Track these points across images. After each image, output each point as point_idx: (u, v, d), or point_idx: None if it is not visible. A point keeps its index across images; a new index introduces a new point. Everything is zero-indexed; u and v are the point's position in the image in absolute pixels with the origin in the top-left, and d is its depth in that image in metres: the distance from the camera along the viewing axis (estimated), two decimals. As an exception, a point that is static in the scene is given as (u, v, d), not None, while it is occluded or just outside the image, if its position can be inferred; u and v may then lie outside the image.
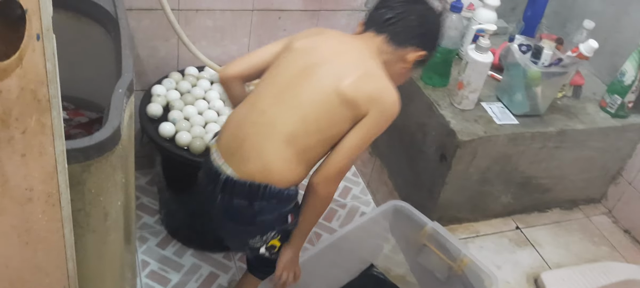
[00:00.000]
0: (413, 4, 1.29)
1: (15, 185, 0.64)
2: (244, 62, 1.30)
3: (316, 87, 1.17)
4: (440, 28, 1.34)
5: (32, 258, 0.73)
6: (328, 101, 1.15)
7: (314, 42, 1.24)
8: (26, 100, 0.60)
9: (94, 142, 0.78)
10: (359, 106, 1.17)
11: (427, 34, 1.31)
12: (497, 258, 1.70)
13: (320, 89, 1.17)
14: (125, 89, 0.88)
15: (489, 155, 1.64)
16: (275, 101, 1.18)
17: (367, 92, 1.18)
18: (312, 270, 1.44)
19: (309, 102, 1.16)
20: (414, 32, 1.27)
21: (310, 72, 1.18)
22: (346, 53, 1.23)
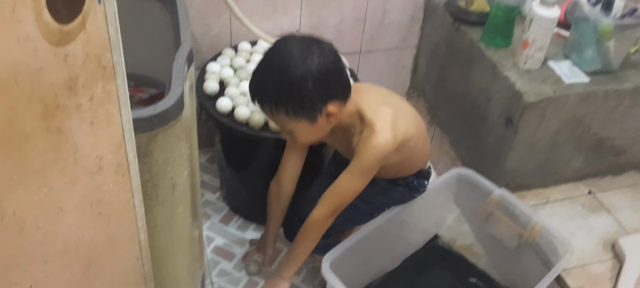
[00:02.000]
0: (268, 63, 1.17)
1: (85, 155, 0.64)
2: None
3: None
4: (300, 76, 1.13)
5: (105, 229, 0.74)
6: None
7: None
8: (91, 66, 0.59)
9: (159, 111, 0.78)
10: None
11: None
12: (570, 225, 1.62)
13: None
14: (185, 59, 0.87)
15: (558, 116, 1.56)
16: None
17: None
18: (375, 243, 1.42)
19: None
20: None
21: None
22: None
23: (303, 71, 1.10)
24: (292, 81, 1.10)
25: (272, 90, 1.13)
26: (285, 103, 1.13)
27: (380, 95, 1.30)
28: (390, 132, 1.19)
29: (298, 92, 1.12)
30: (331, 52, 1.15)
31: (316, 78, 1.11)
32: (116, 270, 0.80)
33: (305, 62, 1.10)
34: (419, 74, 2.05)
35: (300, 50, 1.11)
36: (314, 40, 1.15)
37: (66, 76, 0.56)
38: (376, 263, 1.57)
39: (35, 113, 0.55)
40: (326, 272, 1.27)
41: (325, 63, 1.12)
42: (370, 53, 1.96)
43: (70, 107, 0.59)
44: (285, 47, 1.13)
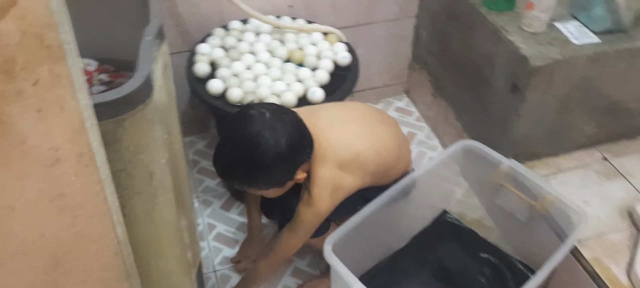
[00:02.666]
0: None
1: (35, 145, 0.58)
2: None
3: None
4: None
5: (71, 225, 0.68)
6: None
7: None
8: (31, 46, 0.53)
9: (123, 94, 0.72)
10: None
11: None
12: (583, 193, 1.54)
13: None
14: (154, 36, 0.81)
15: (567, 80, 1.47)
16: None
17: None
18: (379, 222, 1.35)
19: None
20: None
21: None
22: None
23: (274, 156, 1.12)
24: (265, 168, 1.13)
25: (244, 177, 1.17)
26: (257, 184, 1.19)
27: (339, 124, 1.31)
28: (328, 198, 1.23)
29: (270, 175, 1.17)
30: (293, 122, 1.16)
31: (286, 158, 1.14)
32: (90, 268, 0.75)
33: (275, 147, 1.11)
34: (421, 44, 1.97)
35: (267, 133, 1.11)
36: (276, 114, 1.15)
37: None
38: (382, 242, 1.52)
39: (-39, 100, 0.49)
40: (329, 255, 1.22)
41: (292, 138, 1.14)
42: (369, 25, 1.88)
43: (9, 93, 0.53)
44: (249, 131, 1.12)
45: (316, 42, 1.66)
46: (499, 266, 1.55)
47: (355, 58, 1.64)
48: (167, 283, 1.02)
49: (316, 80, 1.54)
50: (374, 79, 2.04)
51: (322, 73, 1.56)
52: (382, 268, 1.55)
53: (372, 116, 1.39)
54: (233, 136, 1.15)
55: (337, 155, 1.24)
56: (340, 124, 1.30)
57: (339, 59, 1.61)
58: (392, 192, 1.35)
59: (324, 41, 1.67)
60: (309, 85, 1.52)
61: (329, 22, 1.76)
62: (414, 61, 2.04)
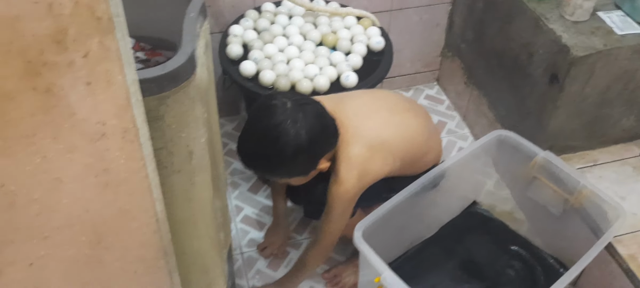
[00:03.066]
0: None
1: (83, 119, 0.57)
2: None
3: None
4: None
5: (114, 201, 0.68)
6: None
7: None
8: (83, 17, 0.52)
9: (168, 71, 0.71)
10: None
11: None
12: (620, 189, 1.51)
13: None
14: (197, 13, 0.80)
15: (608, 72, 1.43)
16: None
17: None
18: (408, 211, 1.33)
19: None
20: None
21: None
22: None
23: (295, 148, 1.12)
24: (286, 159, 1.13)
25: (265, 165, 1.19)
26: (280, 173, 1.22)
27: (367, 113, 1.29)
28: (355, 179, 1.21)
29: (292, 165, 1.17)
30: (315, 113, 1.16)
31: (307, 148, 1.13)
32: (130, 245, 0.74)
33: (296, 138, 1.11)
34: (454, 31, 1.93)
35: (289, 124, 1.11)
36: (298, 105, 1.14)
37: (52, 28, 0.49)
38: (411, 231, 1.50)
39: (16, 70, 0.48)
40: (358, 241, 1.21)
41: (313, 129, 1.13)
42: (401, 11, 1.85)
43: (61, 64, 0.52)
44: (270, 122, 1.12)
45: (350, 26, 1.64)
46: (529, 260, 1.53)
47: (389, 43, 1.62)
48: (201, 262, 1.02)
49: (349, 64, 1.52)
50: (405, 65, 2.01)
51: (356, 57, 1.54)
52: (410, 257, 1.53)
53: (401, 105, 1.37)
54: (255, 127, 1.15)
55: (365, 140, 1.23)
56: (368, 112, 1.29)
57: (372, 43, 1.59)
58: (423, 180, 1.33)
59: (357, 25, 1.65)
60: (342, 70, 1.50)
61: (362, 6, 1.74)
62: (447, 49, 2.01)
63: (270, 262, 1.57)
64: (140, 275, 0.79)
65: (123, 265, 0.74)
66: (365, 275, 1.30)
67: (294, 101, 1.14)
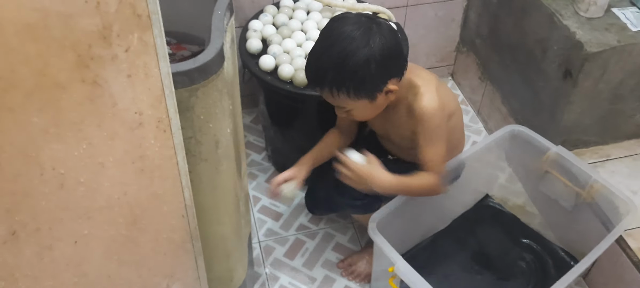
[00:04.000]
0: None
1: (124, 109, 0.62)
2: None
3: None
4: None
5: (149, 186, 0.72)
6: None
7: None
8: (126, 14, 0.57)
9: (199, 64, 0.75)
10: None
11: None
12: (632, 184, 1.53)
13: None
14: (225, 10, 0.84)
15: (622, 68, 1.45)
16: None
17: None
18: (422, 202, 1.37)
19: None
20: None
21: None
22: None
23: (366, 54, 1.09)
24: (356, 65, 1.10)
25: (335, 75, 1.13)
26: (347, 86, 1.13)
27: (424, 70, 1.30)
28: (435, 93, 1.19)
29: (361, 75, 1.11)
30: (390, 31, 1.14)
31: (378, 60, 1.10)
32: (161, 228, 0.79)
33: (367, 44, 1.09)
34: (469, 26, 1.95)
35: (361, 32, 1.09)
36: (371, 19, 1.13)
37: (99, 24, 0.54)
38: (424, 223, 1.53)
39: (68, 63, 0.53)
40: (373, 232, 1.24)
41: (387, 43, 1.11)
42: (417, 6, 1.88)
43: (106, 57, 0.57)
44: (343, 29, 1.11)
45: (366, 22, 1.67)
46: (540, 252, 1.55)
47: (404, 38, 1.65)
48: (224, 247, 1.06)
49: (366, 59, 1.55)
50: (420, 60, 2.04)
51: (372, 52, 1.57)
52: (423, 249, 1.57)
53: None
54: (328, 35, 1.13)
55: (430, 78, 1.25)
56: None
57: (388, 39, 1.62)
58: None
59: (374, 21, 1.68)
60: (358, 64, 1.53)
61: (378, 1, 1.77)
62: (462, 44, 2.03)
63: (287, 250, 1.61)
64: (169, 256, 0.84)
65: (154, 247, 0.79)
66: (379, 265, 1.34)
67: (368, 16, 1.15)
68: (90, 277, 0.70)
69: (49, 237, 0.61)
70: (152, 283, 0.83)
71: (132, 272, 0.77)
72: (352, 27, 1.11)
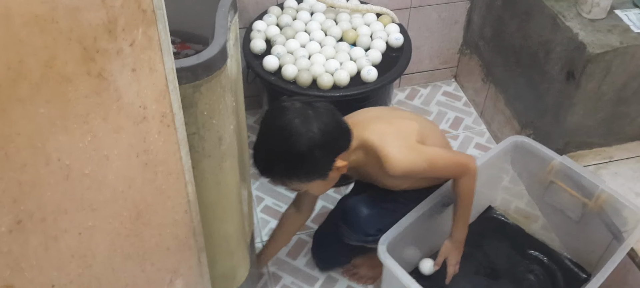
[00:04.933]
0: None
1: (128, 102, 0.63)
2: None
3: None
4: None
5: (153, 180, 0.73)
6: None
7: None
8: (131, 9, 0.58)
9: (202, 60, 0.76)
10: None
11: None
12: (635, 185, 1.53)
13: None
14: (228, 7, 0.85)
15: (625, 69, 1.46)
16: None
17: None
18: (428, 220, 1.35)
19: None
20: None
21: None
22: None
23: (308, 144, 1.10)
24: (300, 156, 1.11)
25: (281, 168, 1.15)
26: (297, 174, 1.16)
27: (379, 116, 1.30)
28: (396, 148, 1.19)
29: (307, 163, 1.14)
30: (326, 110, 1.15)
31: (321, 144, 1.12)
32: (165, 222, 0.80)
33: (307, 132, 1.10)
34: (473, 28, 1.96)
35: (299, 121, 1.11)
36: (307, 105, 1.14)
37: (105, 18, 0.55)
38: (430, 240, 1.48)
39: (74, 55, 0.54)
40: (384, 255, 1.22)
41: (325, 125, 1.13)
42: (421, 8, 1.88)
43: (111, 51, 0.58)
44: (282, 122, 1.12)
45: (369, 23, 1.69)
46: (548, 264, 1.52)
47: (407, 39, 1.66)
48: (227, 245, 1.07)
49: (369, 60, 1.56)
50: (423, 62, 2.05)
51: (375, 53, 1.58)
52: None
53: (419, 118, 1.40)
54: (267, 129, 1.15)
55: (382, 124, 1.25)
56: (375, 117, 1.31)
57: (391, 40, 1.63)
58: (443, 190, 1.35)
59: (377, 22, 1.69)
60: (362, 65, 1.54)
61: (382, 3, 1.78)
62: (465, 46, 2.04)
63: (289, 250, 1.62)
64: (172, 252, 0.85)
65: (158, 241, 0.80)
66: (389, 287, 1.32)
67: (302, 101, 1.16)
68: (95, 269, 0.70)
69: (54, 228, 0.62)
70: (156, 278, 0.83)
71: (136, 266, 0.78)
72: (290, 117, 1.11)
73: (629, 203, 1.35)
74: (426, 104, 2.06)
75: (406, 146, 1.21)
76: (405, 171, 1.19)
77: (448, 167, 1.26)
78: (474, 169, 1.27)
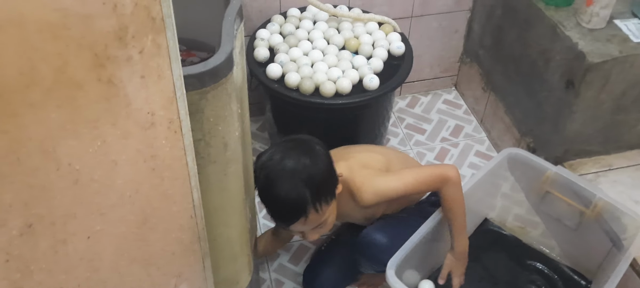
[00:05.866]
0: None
1: (137, 109, 0.64)
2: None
3: None
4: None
5: (159, 185, 0.74)
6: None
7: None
8: (141, 17, 0.59)
9: (209, 68, 0.77)
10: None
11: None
12: (634, 193, 1.54)
13: None
14: (235, 15, 0.86)
15: (624, 78, 1.47)
16: None
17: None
18: (430, 240, 1.35)
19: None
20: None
21: None
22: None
23: (323, 165, 1.18)
24: (322, 176, 1.17)
25: (313, 196, 1.16)
26: (326, 197, 1.18)
27: (341, 156, 1.34)
28: (356, 179, 1.26)
29: (328, 182, 1.20)
30: (314, 141, 1.23)
31: (328, 162, 1.20)
32: (171, 227, 0.81)
33: (315, 157, 1.17)
34: (473, 37, 1.98)
35: (302, 150, 1.17)
36: (295, 141, 1.22)
37: (116, 25, 0.56)
38: (432, 258, 1.47)
39: (85, 62, 0.55)
40: (392, 280, 1.21)
41: (322, 148, 1.21)
42: (422, 17, 1.90)
43: (121, 58, 0.59)
44: (292, 159, 1.17)
45: (371, 31, 1.70)
46: (549, 274, 1.52)
47: (409, 48, 1.67)
48: (230, 250, 1.08)
49: (371, 68, 1.58)
50: (424, 71, 2.06)
51: (377, 61, 1.60)
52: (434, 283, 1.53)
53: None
54: (282, 171, 1.17)
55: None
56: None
57: (393, 48, 1.65)
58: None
59: (379, 31, 1.71)
60: (363, 73, 1.56)
61: (384, 12, 1.80)
62: (465, 54, 2.06)
63: (291, 256, 1.63)
64: (177, 256, 0.86)
65: (163, 246, 0.81)
66: None
67: (292, 140, 1.23)
68: (102, 273, 0.71)
69: (63, 232, 0.63)
70: (161, 282, 0.84)
71: (142, 270, 0.79)
72: (292, 153, 1.17)
73: (628, 211, 1.36)
74: (427, 112, 2.07)
75: (371, 174, 1.26)
76: (378, 195, 1.24)
77: (421, 180, 1.27)
78: (455, 176, 1.27)
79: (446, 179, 1.27)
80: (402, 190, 1.25)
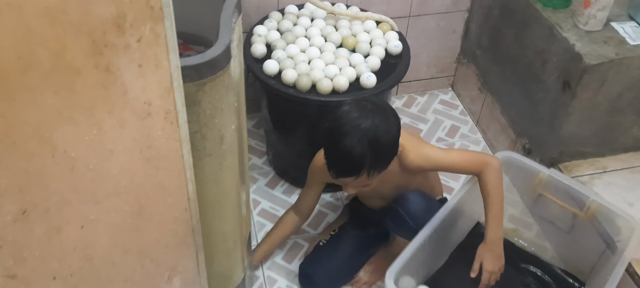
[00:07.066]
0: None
1: (134, 98, 0.64)
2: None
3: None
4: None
5: (155, 175, 0.74)
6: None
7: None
8: (139, 4, 0.59)
9: (207, 59, 0.77)
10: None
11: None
12: (628, 195, 1.54)
13: None
14: (233, 8, 0.86)
15: (620, 80, 1.48)
16: None
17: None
18: (428, 245, 1.34)
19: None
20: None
21: None
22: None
23: (393, 133, 1.20)
24: (388, 145, 1.20)
25: (372, 161, 1.18)
26: (383, 164, 1.22)
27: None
28: (411, 146, 1.30)
29: (391, 152, 1.22)
30: (391, 109, 1.25)
31: (396, 134, 1.22)
32: (165, 219, 0.81)
33: (389, 124, 1.19)
34: (470, 38, 1.98)
35: (379, 117, 1.18)
36: (372, 102, 1.22)
37: (114, 12, 0.56)
38: (428, 263, 1.47)
39: (83, 48, 0.55)
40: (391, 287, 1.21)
41: (397, 118, 1.23)
42: (419, 17, 1.91)
43: (119, 46, 0.59)
44: (363, 123, 1.17)
45: (369, 30, 1.70)
46: (542, 277, 1.52)
47: (406, 47, 1.67)
48: (224, 244, 1.08)
49: (368, 66, 1.58)
50: (421, 70, 2.07)
51: (374, 60, 1.60)
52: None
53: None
54: (353, 127, 1.17)
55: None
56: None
57: (390, 47, 1.65)
58: (441, 214, 1.35)
59: (376, 29, 1.70)
60: (361, 71, 1.56)
61: (381, 11, 1.80)
62: (462, 55, 2.06)
63: (285, 254, 1.62)
64: (171, 248, 0.86)
65: (158, 237, 0.81)
66: None
67: (368, 101, 1.23)
68: (96, 262, 0.71)
69: (57, 219, 0.63)
70: (154, 274, 0.84)
71: (136, 261, 0.78)
72: (371, 115, 1.18)
73: (622, 213, 1.36)
74: (423, 112, 2.07)
75: (419, 141, 1.33)
76: (425, 158, 1.29)
77: (465, 158, 1.33)
78: (497, 164, 1.32)
79: (488, 164, 1.31)
80: (446, 162, 1.31)
